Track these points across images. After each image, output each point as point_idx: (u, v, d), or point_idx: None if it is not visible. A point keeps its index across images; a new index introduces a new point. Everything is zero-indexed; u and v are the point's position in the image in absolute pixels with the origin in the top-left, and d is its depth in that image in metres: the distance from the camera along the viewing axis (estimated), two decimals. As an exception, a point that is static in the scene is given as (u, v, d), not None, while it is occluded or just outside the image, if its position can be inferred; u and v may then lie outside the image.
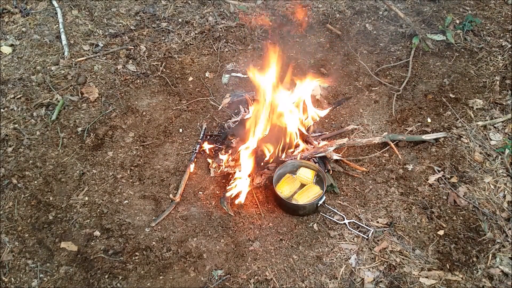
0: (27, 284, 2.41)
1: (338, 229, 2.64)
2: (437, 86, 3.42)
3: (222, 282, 2.42)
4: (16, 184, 2.82)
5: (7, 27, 3.85)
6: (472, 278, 2.38)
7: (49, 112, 3.24)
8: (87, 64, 3.59)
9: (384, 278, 2.39)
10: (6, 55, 3.62)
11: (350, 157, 3.02)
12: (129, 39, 3.82)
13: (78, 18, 3.95)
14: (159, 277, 2.45)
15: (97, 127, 3.19)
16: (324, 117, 3.28)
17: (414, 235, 2.58)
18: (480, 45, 3.65)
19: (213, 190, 2.88)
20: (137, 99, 3.41)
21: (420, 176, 2.85)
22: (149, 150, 3.09)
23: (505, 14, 3.89)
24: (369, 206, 2.74)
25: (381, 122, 3.24)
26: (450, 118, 3.17)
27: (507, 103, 3.20)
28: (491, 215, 2.60)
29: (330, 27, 3.94)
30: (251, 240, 2.61)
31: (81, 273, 2.46)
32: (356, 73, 3.61)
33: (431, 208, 2.68)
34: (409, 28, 3.80)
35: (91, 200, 2.79)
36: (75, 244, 2.58)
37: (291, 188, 2.77)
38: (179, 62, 3.70)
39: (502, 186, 2.73)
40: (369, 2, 4.12)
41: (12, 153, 2.98)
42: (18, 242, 2.57)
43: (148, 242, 2.60)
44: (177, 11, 4.09)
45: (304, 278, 2.43)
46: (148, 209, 2.78)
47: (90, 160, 3.00)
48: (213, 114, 3.36)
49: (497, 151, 2.90)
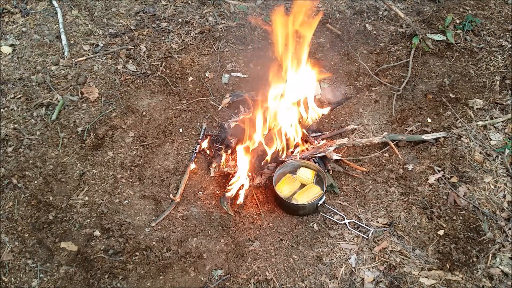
0: (27, 284, 2.41)
1: (338, 229, 2.64)
2: (437, 86, 3.42)
3: (222, 282, 2.42)
4: (16, 184, 2.82)
5: (7, 27, 3.85)
6: (472, 278, 2.38)
7: (49, 112, 3.24)
8: (87, 64, 3.59)
9: (384, 278, 2.39)
10: (6, 55, 3.62)
11: (350, 157, 3.02)
12: (129, 39, 3.82)
13: (78, 18, 3.94)
14: (159, 277, 2.45)
15: (97, 127, 3.19)
16: (324, 117, 3.28)
17: (414, 235, 2.58)
18: (480, 45, 3.65)
19: (213, 190, 2.88)
20: (137, 99, 3.41)
21: (420, 176, 2.85)
22: (149, 150, 3.09)
23: (505, 14, 3.89)
24: (369, 206, 2.74)
25: (381, 122, 3.24)
26: (450, 118, 3.16)
27: (507, 103, 3.20)
28: (491, 215, 2.60)
29: (330, 27, 3.94)
30: (251, 240, 2.61)
31: (81, 273, 2.46)
32: (356, 73, 3.61)
33: (431, 208, 2.68)
34: (409, 28, 3.80)
35: (91, 200, 2.79)
36: (75, 244, 2.58)
37: (291, 188, 2.77)
38: (179, 62, 3.70)
39: (502, 186, 2.73)
40: (369, 2, 4.12)
41: (12, 153, 2.99)
42: (18, 242, 2.57)
43: (148, 242, 2.60)
44: (177, 11, 4.09)
45: (304, 278, 2.43)
46: (148, 209, 2.78)
47: (90, 160, 3.00)
48: (213, 114, 3.36)
49: (497, 151, 2.90)
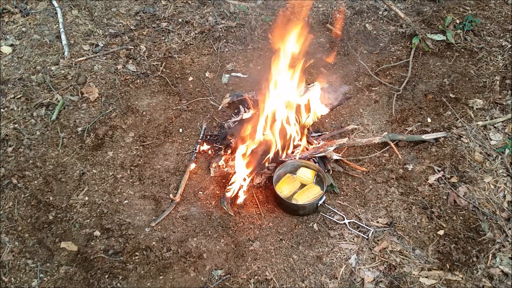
0: (27, 284, 2.41)
1: (338, 229, 2.64)
2: (437, 86, 3.41)
3: (222, 282, 2.42)
4: (16, 184, 2.82)
5: (7, 27, 3.85)
6: (472, 278, 2.37)
7: (49, 112, 3.24)
8: (87, 64, 3.59)
9: (384, 278, 2.39)
10: (6, 55, 3.62)
11: (350, 157, 3.02)
12: (129, 39, 3.82)
13: (78, 18, 3.94)
14: (159, 277, 2.45)
15: (97, 127, 3.19)
16: (324, 117, 3.28)
17: (414, 235, 2.58)
18: (480, 45, 3.65)
19: (213, 190, 2.88)
20: (137, 99, 3.41)
21: (420, 176, 2.85)
22: (149, 150, 3.09)
23: (505, 14, 3.89)
24: (369, 206, 2.74)
25: (381, 122, 3.24)
26: (450, 118, 3.16)
27: (507, 103, 3.20)
28: (491, 215, 2.60)
29: (330, 27, 3.94)
30: (251, 240, 2.61)
31: (81, 273, 2.46)
32: (356, 73, 3.61)
33: (431, 208, 2.68)
34: (409, 28, 3.80)
35: (91, 200, 2.79)
36: (75, 244, 2.58)
37: (291, 188, 2.77)
38: (179, 62, 3.70)
39: (502, 186, 2.73)
40: (369, 2, 4.12)
41: (12, 153, 2.98)
42: (18, 242, 2.57)
43: (148, 242, 2.60)
44: (177, 11, 4.08)
45: (304, 278, 2.43)
46: (148, 209, 2.78)
47: (90, 160, 3.00)
48: (213, 114, 3.36)
49: (497, 151, 2.90)
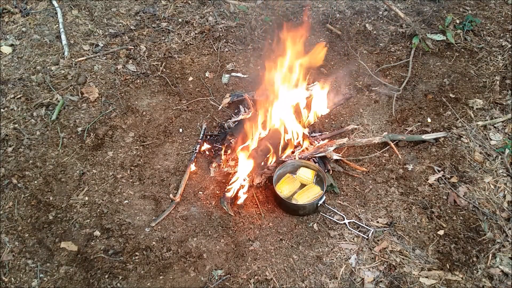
0: (27, 284, 2.41)
1: (338, 229, 2.64)
2: (437, 86, 3.41)
3: (222, 282, 2.42)
4: (16, 184, 2.82)
5: (7, 27, 3.85)
6: (472, 278, 2.38)
7: (49, 112, 3.24)
8: (87, 64, 3.59)
9: (384, 278, 2.39)
10: (6, 55, 3.62)
11: (350, 157, 3.02)
12: (129, 39, 3.82)
13: (78, 18, 3.94)
14: (159, 277, 2.45)
15: (97, 127, 3.19)
16: (324, 117, 3.28)
17: (414, 235, 2.58)
18: (480, 45, 3.65)
19: (213, 190, 2.88)
20: (137, 99, 3.41)
21: (420, 176, 2.85)
22: (149, 150, 3.09)
23: (505, 14, 3.89)
24: (369, 206, 2.74)
25: (381, 122, 3.24)
26: (450, 118, 3.16)
27: (507, 103, 3.20)
28: (491, 215, 2.60)
29: (330, 27, 3.93)
30: (251, 240, 2.61)
31: (81, 273, 2.46)
32: (356, 73, 3.61)
33: (431, 208, 2.68)
34: (409, 28, 3.80)
35: (91, 200, 2.79)
36: (75, 244, 2.58)
37: (291, 188, 2.77)
38: (179, 62, 3.70)
39: (502, 186, 2.73)
40: (369, 2, 4.11)
41: (12, 153, 2.98)
42: (18, 242, 2.57)
43: (148, 242, 2.60)
44: (177, 11, 4.08)
45: (304, 278, 2.43)
46: (148, 209, 2.78)
47: (90, 160, 3.00)
48: (213, 114, 3.36)
49: (497, 151, 2.90)
